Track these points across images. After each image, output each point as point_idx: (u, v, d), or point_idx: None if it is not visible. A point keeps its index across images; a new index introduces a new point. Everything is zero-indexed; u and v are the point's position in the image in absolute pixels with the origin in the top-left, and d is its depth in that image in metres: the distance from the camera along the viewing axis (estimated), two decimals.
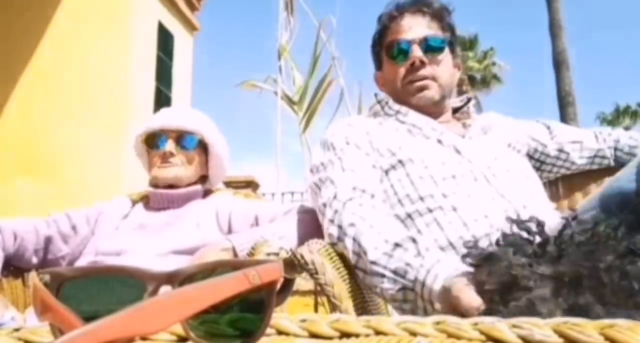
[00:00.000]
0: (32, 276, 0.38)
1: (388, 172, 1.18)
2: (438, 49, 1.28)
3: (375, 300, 1.16)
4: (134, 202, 1.57)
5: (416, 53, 1.26)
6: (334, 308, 1.02)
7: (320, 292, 1.05)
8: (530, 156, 1.40)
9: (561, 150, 1.41)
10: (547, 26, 12.30)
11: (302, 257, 1.02)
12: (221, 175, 1.63)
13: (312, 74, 7.21)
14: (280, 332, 0.38)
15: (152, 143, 1.52)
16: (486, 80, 21.52)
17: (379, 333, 0.38)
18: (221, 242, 1.27)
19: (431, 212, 1.11)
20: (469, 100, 1.40)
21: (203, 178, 1.58)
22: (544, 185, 1.35)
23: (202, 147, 1.54)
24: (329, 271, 1.03)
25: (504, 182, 1.16)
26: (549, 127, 1.44)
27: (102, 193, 4.49)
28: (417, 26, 1.29)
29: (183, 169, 1.51)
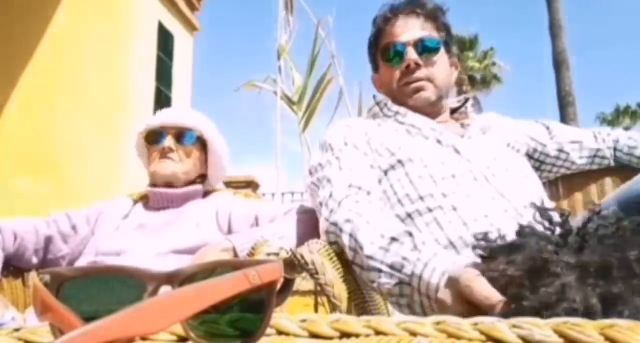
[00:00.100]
0: (32, 276, 0.38)
1: (387, 172, 1.18)
2: (433, 50, 1.29)
3: (375, 300, 1.16)
4: (134, 202, 1.58)
5: (411, 55, 1.27)
6: (334, 308, 1.01)
7: (320, 292, 1.05)
8: (529, 156, 1.40)
9: (561, 150, 1.41)
10: (547, 26, 12.31)
11: (302, 257, 1.02)
12: (221, 176, 1.64)
13: (311, 73, 7.21)
14: (280, 332, 0.38)
15: (152, 140, 1.54)
16: (486, 80, 21.51)
17: (379, 333, 0.38)
18: (221, 242, 1.27)
19: (431, 211, 1.11)
20: (466, 100, 1.41)
21: (203, 178, 1.59)
22: (543, 185, 1.35)
23: (201, 145, 1.56)
24: (329, 271, 1.03)
25: (503, 181, 1.16)
26: (548, 127, 1.44)
27: (102, 193, 4.49)
28: (411, 28, 1.29)
29: (180, 165, 1.52)
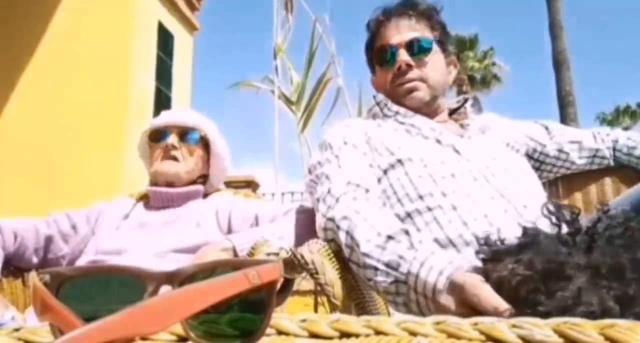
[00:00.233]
0: (32, 276, 0.38)
1: (387, 172, 1.19)
2: (425, 50, 1.29)
3: (375, 299, 1.16)
4: (135, 202, 1.58)
5: (402, 57, 1.27)
6: (334, 308, 1.02)
7: (320, 292, 1.05)
8: (529, 156, 1.40)
9: (561, 151, 1.41)
10: (547, 26, 12.31)
11: (302, 257, 1.02)
12: (221, 177, 1.64)
13: (309, 71, 7.21)
14: (280, 332, 0.38)
15: (156, 138, 1.55)
16: (486, 80, 21.51)
17: (379, 333, 0.38)
18: (221, 242, 1.27)
19: (431, 210, 1.11)
20: (466, 100, 1.41)
21: (204, 179, 1.59)
22: (543, 185, 1.35)
23: (204, 145, 1.57)
24: (329, 271, 1.03)
25: (503, 181, 1.16)
26: (547, 128, 1.44)
27: (102, 193, 4.48)
28: (402, 29, 1.30)
29: (183, 164, 1.52)
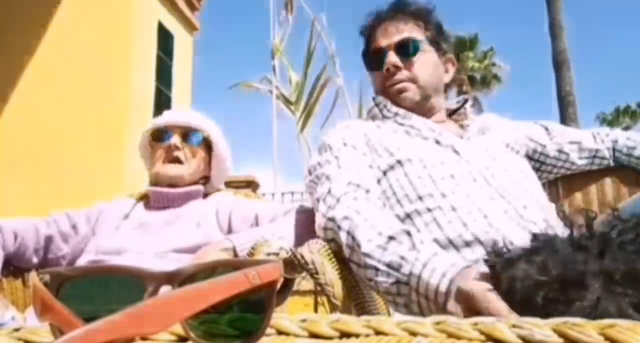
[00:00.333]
0: (32, 276, 0.38)
1: (386, 173, 1.19)
2: (413, 50, 1.29)
3: (375, 299, 1.16)
4: (135, 202, 1.58)
5: (390, 59, 1.28)
6: (334, 308, 1.01)
7: (320, 292, 1.05)
8: (529, 157, 1.40)
9: (561, 151, 1.41)
10: (547, 26, 12.31)
11: (302, 257, 1.02)
12: (223, 178, 1.64)
13: (307, 69, 7.21)
14: (280, 332, 0.38)
15: (158, 137, 1.54)
16: (486, 80, 21.51)
17: (379, 333, 0.38)
18: (222, 242, 1.27)
19: (430, 211, 1.11)
20: (465, 101, 1.41)
21: (205, 180, 1.59)
22: (543, 185, 1.35)
23: (206, 146, 1.56)
24: (329, 271, 1.03)
25: (503, 182, 1.16)
26: (547, 128, 1.44)
27: (102, 193, 4.48)
28: (391, 32, 1.31)
29: (187, 167, 1.52)
